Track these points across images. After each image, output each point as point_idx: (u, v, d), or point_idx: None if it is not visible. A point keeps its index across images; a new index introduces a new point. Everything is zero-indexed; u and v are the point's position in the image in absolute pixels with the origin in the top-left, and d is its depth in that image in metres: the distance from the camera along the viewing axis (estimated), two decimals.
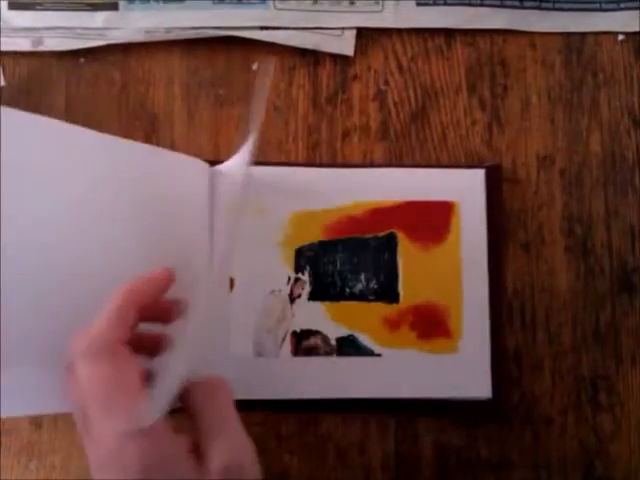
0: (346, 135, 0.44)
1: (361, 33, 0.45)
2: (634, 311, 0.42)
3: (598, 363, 0.41)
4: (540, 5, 0.45)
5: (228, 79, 0.45)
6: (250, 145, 0.34)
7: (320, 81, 0.45)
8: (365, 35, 0.45)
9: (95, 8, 0.45)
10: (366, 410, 0.41)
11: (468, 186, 0.42)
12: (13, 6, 0.45)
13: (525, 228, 0.43)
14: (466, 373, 0.40)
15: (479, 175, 0.42)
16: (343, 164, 0.44)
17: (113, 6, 0.45)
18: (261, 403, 0.40)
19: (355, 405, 0.40)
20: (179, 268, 0.37)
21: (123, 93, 0.45)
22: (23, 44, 0.45)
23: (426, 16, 0.45)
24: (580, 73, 0.45)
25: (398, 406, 0.40)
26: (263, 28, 0.45)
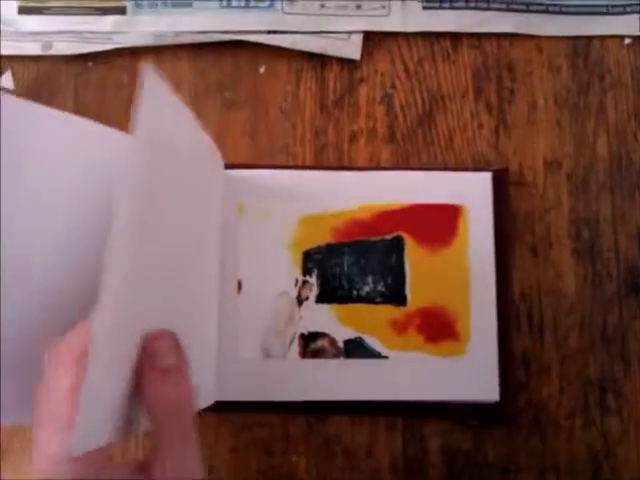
0: (353, 138, 0.44)
1: (368, 37, 0.45)
2: None
3: (606, 366, 0.41)
4: (547, 9, 0.45)
5: (235, 83, 0.45)
6: None
7: (327, 84, 0.45)
8: (372, 39, 0.45)
9: (104, 12, 0.46)
10: (374, 412, 0.41)
11: (475, 189, 0.42)
12: (23, 10, 0.46)
13: (532, 231, 0.43)
14: (473, 376, 0.40)
15: (486, 178, 0.42)
16: (350, 167, 0.44)
17: (121, 10, 0.46)
18: (269, 405, 0.40)
19: (363, 407, 0.40)
20: (192, 270, 0.37)
21: (131, 96, 0.44)
22: (32, 48, 0.45)
23: (433, 20, 0.45)
24: (587, 77, 0.45)
25: (406, 408, 0.40)
26: (270, 32, 0.45)
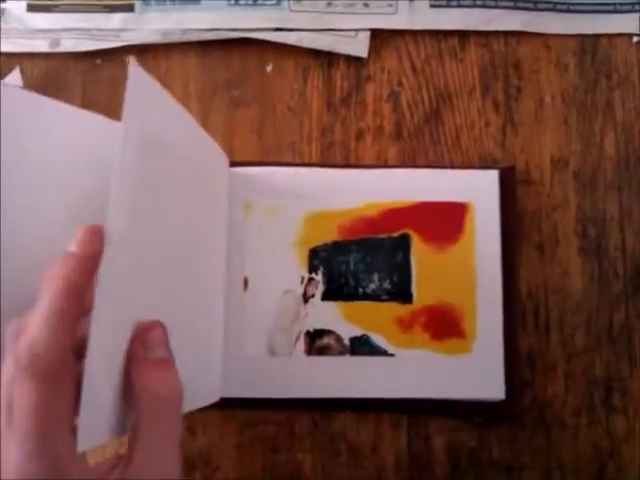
0: (360, 136, 0.44)
1: (375, 34, 0.45)
2: None
3: (611, 365, 0.41)
4: (554, 7, 0.45)
5: (243, 80, 0.45)
6: None
7: (334, 82, 0.45)
8: (379, 36, 0.45)
9: (112, 10, 0.46)
10: (379, 410, 0.41)
11: (482, 187, 0.42)
12: (31, 8, 0.46)
13: (539, 230, 0.43)
14: (479, 374, 0.40)
15: (493, 176, 0.42)
16: (357, 165, 0.44)
17: (129, 8, 0.46)
18: (274, 402, 0.40)
19: (368, 404, 0.40)
20: (198, 267, 0.37)
21: None
22: (41, 45, 0.45)
23: (440, 18, 0.45)
24: (594, 75, 0.45)
25: (411, 406, 0.40)
26: (278, 30, 0.45)
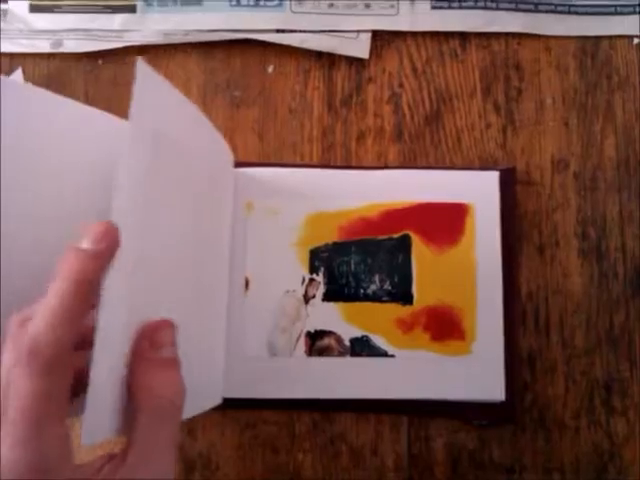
0: (360, 137, 0.44)
1: (376, 36, 0.45)
2: None
3: (612, 366, 0.41)
4: (555, 9, 0.45)
5: (244, 81, 0.45)
6: None
7: (335, 83, 0.45)
8: (380, 38, 0.45)
9: (113, 10, 0.46)
10: (379, 411, 0.41)
11: (482, 188, 0.42)
12: (34, 9, 0.46)
13: (539, 231, 0.43)
14: (479, 375, 0.40)
15: (493, 177, 0.42)
16: (357, 166, 0.44)
17: (131, 8, 0.46)
18: (275, 402, 0.40)
19: (368, 405, 0.40)
20: (202, 268, 0.37)
21: None
22: (43, 46, 0.46)
23: (441, 19, 0.45)
24: (595, 76, 0.45)
25: (411, 407, 0.41)
26: (279, 31, 0.45)
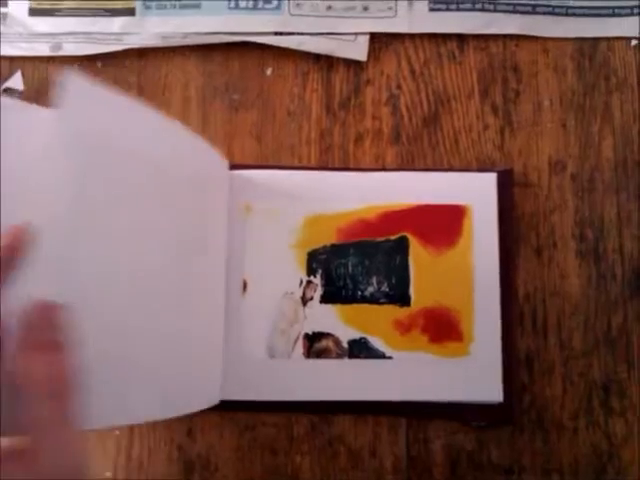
0: (358, 139, 0.45)
1: (374, 38, 0.46)
2: None
3: (610, 367, 0.41)
4: (553, 10, 0.45)
5: (242, 84, 0.46)
6: None
7: (333, 86, 0.45)
8: (378, 40, 0.46)
9: (113, 14, 0.46)
10: (377, 412, 0.41)
11: (480, 190, 0.42)
12: (33, 12, 0.46)
13: (537, 232, 0.43)
14: (477, 377, 0.40)
15: (491, 179, 0.42)
16: (355, 168, 0.44)
17: (130, 12, 0.46)
18: (273, 404, 0.40)
19: (366, 407, 0.40)
20: (197, 271, 0.37)
21: (139, 97, 0.45)
22: (42, 49, 0.46)
23: (439, 21, 0.45)
24: (592, 78, 0.45)
25: (409, 409, 0.41)
26: (277, 33, 0.45)
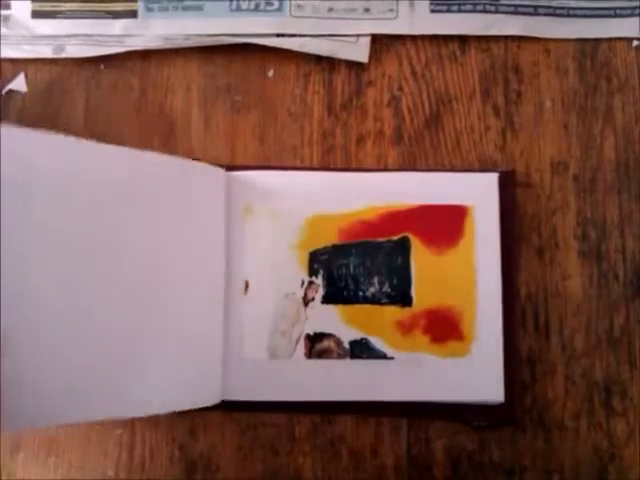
0: (360, 140, 0.45)
1: (376, 40, 0.46)
2: None
3: (612, 368, 0.41)
4: (554, 12, 0.45)
5: (244, 85, 0.46)
6: None
7: (335, 87, 0.45)
8: (380, 42, 0.46)
9: (115, 16, 0.46)
10: (379, 413, 0.41)
11: (482, 191, 0.42)
12: (36, 14, 0.46)
13: (539, 233, 0.43)
14: (479, 377, 0.40)
15: (493, 180, 0.42)
16: (357, 168, 0.44)
17: (132, 14, 0.46)
18: (274, 405, 0.40)
19: (368, 408, 0.40)
20: (194, 273, 0.38)
21: (142, 99, 0.46)
22: (45, 51, 0.46)
23: (440, 23, 0.46)
24: (594, 79, 0.45)
25: (411, 409, 0.41)
26: (279, 35, 0.46)
